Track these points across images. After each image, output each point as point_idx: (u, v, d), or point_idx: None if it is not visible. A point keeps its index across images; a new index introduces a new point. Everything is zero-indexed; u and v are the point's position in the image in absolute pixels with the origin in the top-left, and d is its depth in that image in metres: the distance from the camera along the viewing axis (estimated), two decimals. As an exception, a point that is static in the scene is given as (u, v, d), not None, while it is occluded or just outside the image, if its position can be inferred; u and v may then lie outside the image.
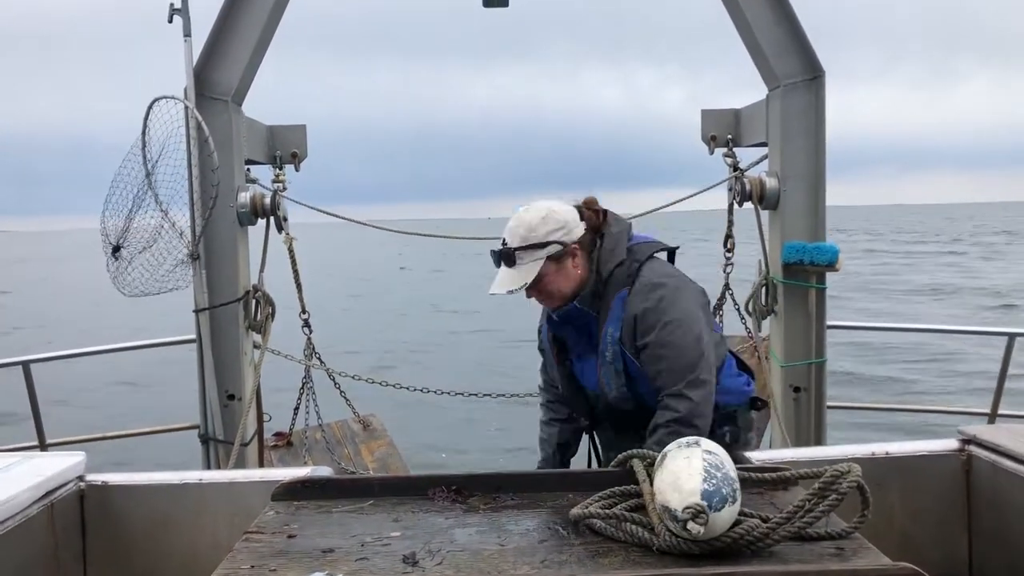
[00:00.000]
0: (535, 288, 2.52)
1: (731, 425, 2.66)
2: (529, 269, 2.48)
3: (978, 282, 30.17)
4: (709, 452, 1.50)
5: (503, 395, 5.26)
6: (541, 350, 2.88)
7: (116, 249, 4.09)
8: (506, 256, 2.49)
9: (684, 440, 1.57)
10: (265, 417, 4.59)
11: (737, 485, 1.46)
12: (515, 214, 2.54)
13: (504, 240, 2.52)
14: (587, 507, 1.58)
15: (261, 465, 4.44)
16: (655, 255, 2.60)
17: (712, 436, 2.56)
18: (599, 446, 2.90)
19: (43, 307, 29.19)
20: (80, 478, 2.23)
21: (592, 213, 2.59)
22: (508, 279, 2.49)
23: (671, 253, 2.74)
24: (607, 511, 1.54)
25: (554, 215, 2.50)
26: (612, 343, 2.53)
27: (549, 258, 2.48)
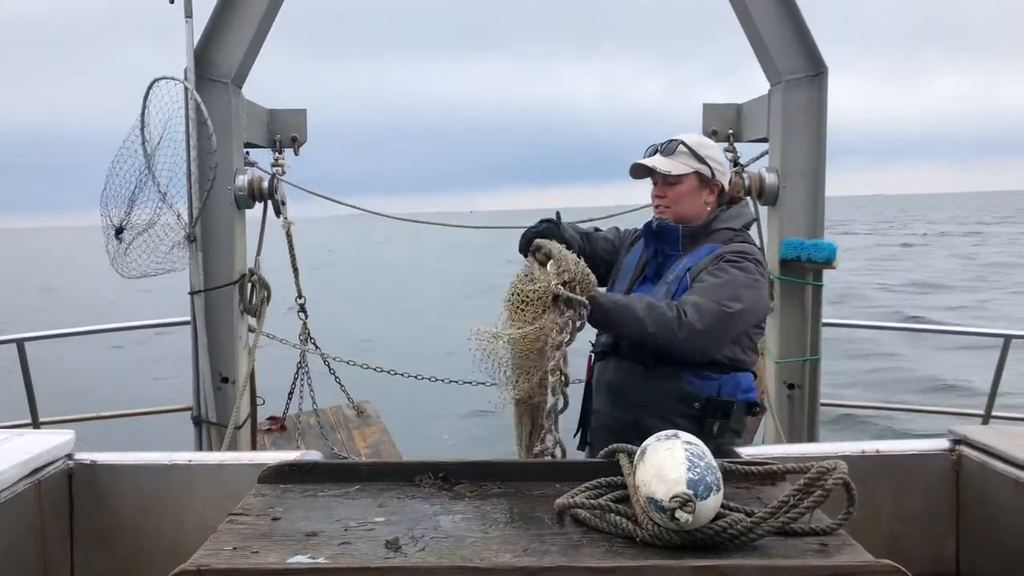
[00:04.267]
0: (670, 187, 2.72)
1: (724, 418, 2.64)
2: (683, 165, 2.70)
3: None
4: (689, 443, 1.50)
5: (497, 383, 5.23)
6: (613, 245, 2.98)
7: (119, 231, 4.07)
8: (669, 148, 2.72)
9: (663, 433, 1.57)
10: (259, 401, 4.59)
11: (719, 474, 1.46)
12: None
13: (674, 138, 2.74)
14: (572, 497, 1.58)
15: (254, 448, 4.44)
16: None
17: (701, 425, 2.54)
18: (591, 416, 2.86)
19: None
20: (69, 456, 2.23)
21: (735, 189, 2.90)
22: (663, 162, 2.71)
23: None
24: (591, 501, 1.54)
25: (721, 155, 2.82)
26: (681, 270, 2.68)
27: (697, 174, 2.70)
